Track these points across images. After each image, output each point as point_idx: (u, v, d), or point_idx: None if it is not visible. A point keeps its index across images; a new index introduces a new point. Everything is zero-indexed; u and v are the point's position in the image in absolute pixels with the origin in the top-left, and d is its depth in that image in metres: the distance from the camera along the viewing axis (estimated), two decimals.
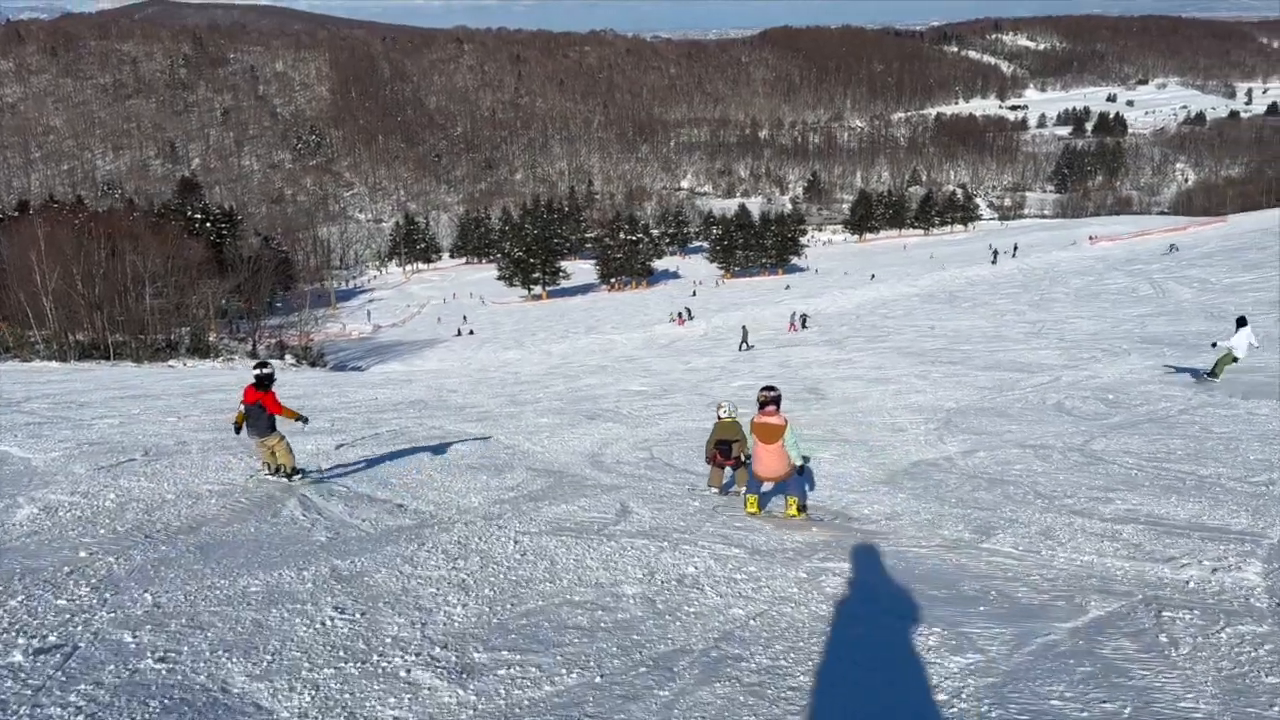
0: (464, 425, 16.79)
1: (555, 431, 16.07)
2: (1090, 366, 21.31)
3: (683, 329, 54.63)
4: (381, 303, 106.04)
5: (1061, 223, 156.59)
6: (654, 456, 13.40)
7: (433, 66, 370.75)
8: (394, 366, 45.25)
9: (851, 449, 13.08)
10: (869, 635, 5.48)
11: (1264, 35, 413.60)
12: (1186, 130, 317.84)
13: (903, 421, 15.54)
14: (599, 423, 17.36)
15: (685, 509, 9.15)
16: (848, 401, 19.02)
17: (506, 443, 14.54)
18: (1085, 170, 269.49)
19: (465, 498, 9.70)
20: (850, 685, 4.71)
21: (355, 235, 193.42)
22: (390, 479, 10.58)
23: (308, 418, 10.44)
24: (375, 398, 23.00)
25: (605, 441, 14.87)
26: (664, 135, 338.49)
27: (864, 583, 6.46)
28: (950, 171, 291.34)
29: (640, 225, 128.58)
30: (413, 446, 13.43)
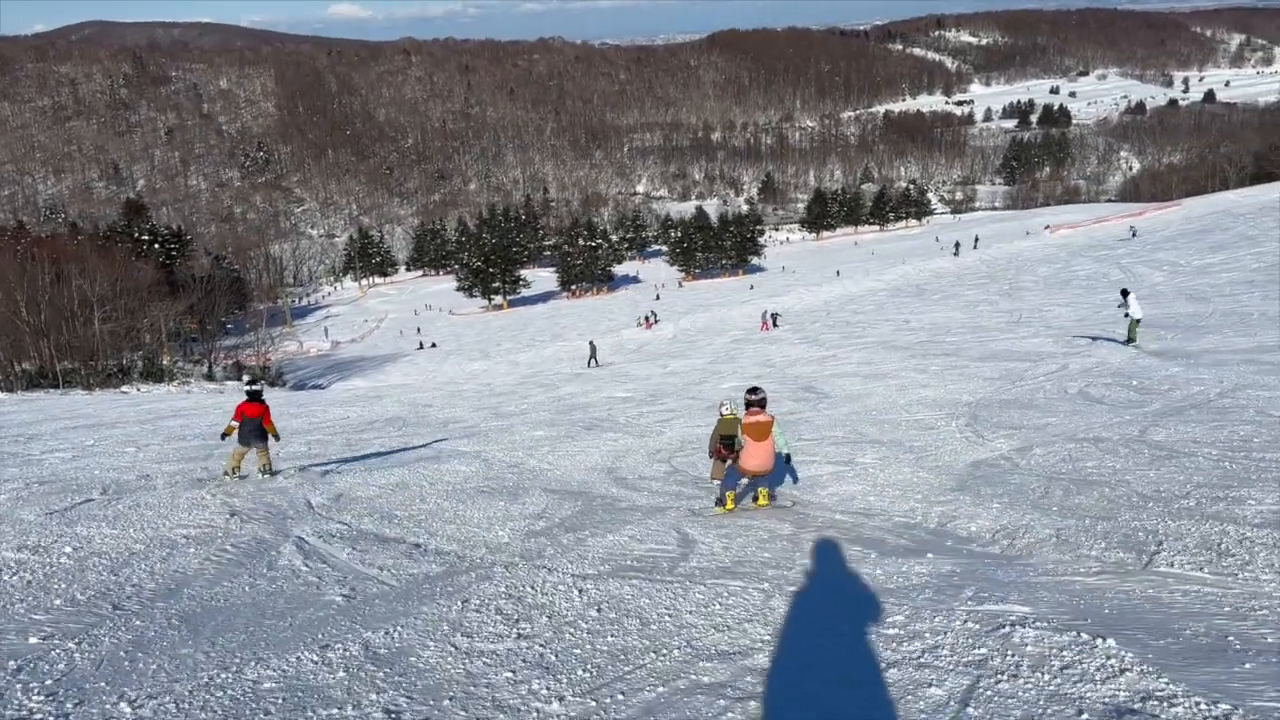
0: (454, 443, 15.62)
1: (556, 445, 14.96)
2: (1093, 352, 20.57)
3: (650, 333, 54.11)
4: (338, 319, 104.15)
5: (1014, 214, 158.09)
6: (675, 468, 12.35)
7: (380, 79, 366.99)
8: (357, 383, 44.09)
9: (891, 451, 12.00)
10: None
11: (1197, 25, 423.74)
12: (1128, 119, 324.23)
13: (926, 418, 14.56)
14: (599, 433, 16.26)
15: (755, 535, 8.03)
16: (853, 399, 18.05)
17: (507, 460, 13.42)
18: (1033, 162, 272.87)
19: (490, 531, 8.53)
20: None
21: (308, 251, 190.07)
22: (394, 511, 9.40)
23: (279, 435, 12.13)
24: (348, 416, 21.69)
25: (615, 454, 13.80)
26: (617, 141, 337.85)
27: (1073, 640, 4.93)
28: (901, 168, 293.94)
29: (599, 231, 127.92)
30: (406, 469, 12.26)
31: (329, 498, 9.94)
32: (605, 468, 12.56)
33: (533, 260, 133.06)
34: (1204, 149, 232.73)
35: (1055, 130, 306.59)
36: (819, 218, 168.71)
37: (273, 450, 12.24)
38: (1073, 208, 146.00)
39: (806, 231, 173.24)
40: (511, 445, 15.00)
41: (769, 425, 8.87)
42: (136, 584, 6.45)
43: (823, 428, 14.69)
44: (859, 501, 9.32)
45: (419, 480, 11.37)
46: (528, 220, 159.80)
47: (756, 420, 8.87)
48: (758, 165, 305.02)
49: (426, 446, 15.13)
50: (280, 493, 10.09)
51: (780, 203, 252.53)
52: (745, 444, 8.88)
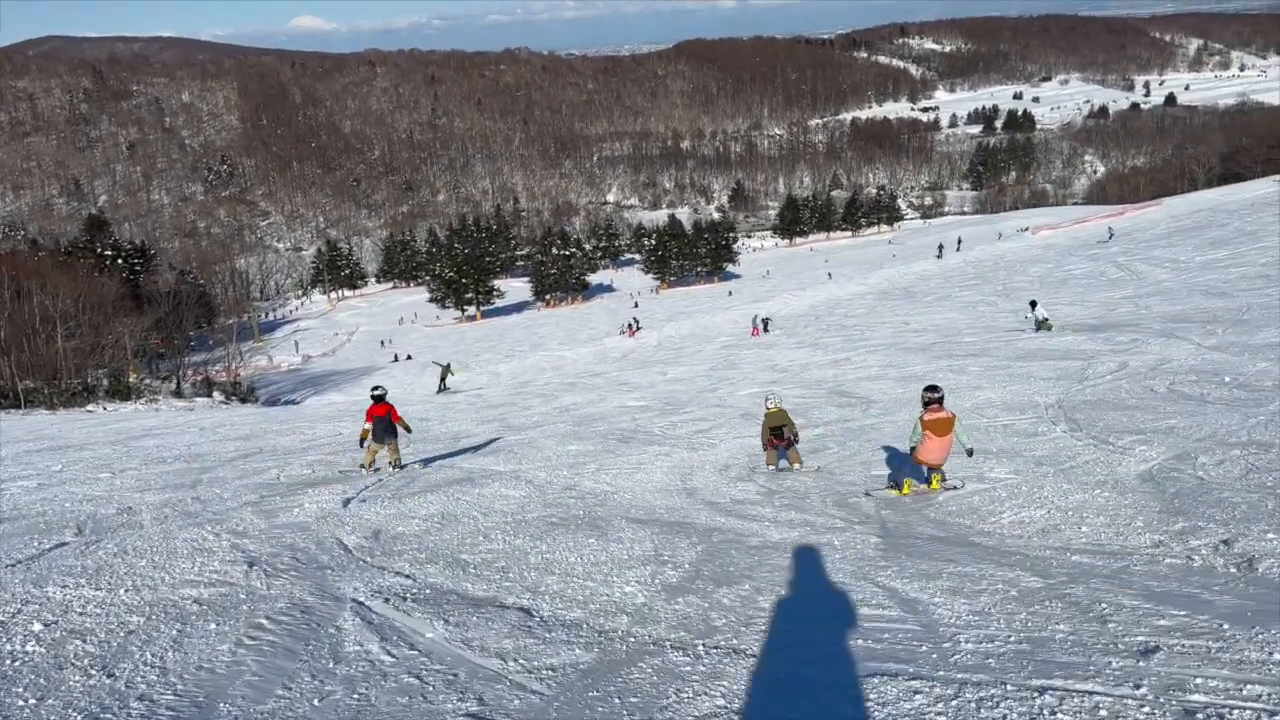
0: (478, 460, 14.00)
1: (600, 462, 13.42)
2: (1145, 349, 19.33)
3: (634, 341, 53.15)
4: (308, 332, 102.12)
5: (984, 218, 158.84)
6: (772, 490, 10.94)
7: (345, 90, 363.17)
8: (333, 398, 42.64)
9: (1018, 464, 10.54)
10: None
11: (1156, 30, 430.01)
12: (1092, 124, 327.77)
13: (1015, 423, 13.28)
14: (640, 447, 14.79)
15: (995, 590, 6.10)
16: (905, 404, 16.66)
17: (555, 481, 11.88)
18: (999, 166, 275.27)
19: (611, 586, 6.71)
20: None
21: (275, 265, 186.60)
22: (458, 554, 7.73)
23: (410, 428, 13.47)
24: (340, 433, 19.99)
25: (680, 472, 12.36)
26: (586, 150, 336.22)
27: None
28: (869, 174, 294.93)
29: (572, 240, 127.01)
30: (443, 495, 10.63)
31: (365, 536, 8.24)
32: (680, 489, 11.14)
33: (505, 271, 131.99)
34: (1170, 151, 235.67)
35: (1020, 135, 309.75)
36: (791, 224, 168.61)
37: (402, 444, 13.47)
38: (1041, 211, 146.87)
39: (779, 238, 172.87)
40: (548, 463, 13.46)
41: (951, 421, 9.39)
42: (143, 692, 4.39)
43: (902, 437, 13.25)
44: (1064, 532, 7.77)
45: (466, 510, 9.78)
46: (499, 230, 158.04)
47: (939, 417, 9.38)
48: (727, 173, 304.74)
49: (451, 465, 13.56)
50: (303, 530, 8.36)
51: (751, 210, 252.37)
52: (926, 438, 9.42)
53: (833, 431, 15.09)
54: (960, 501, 9.33)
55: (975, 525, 8.38)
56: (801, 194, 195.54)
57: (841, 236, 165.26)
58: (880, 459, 12.42)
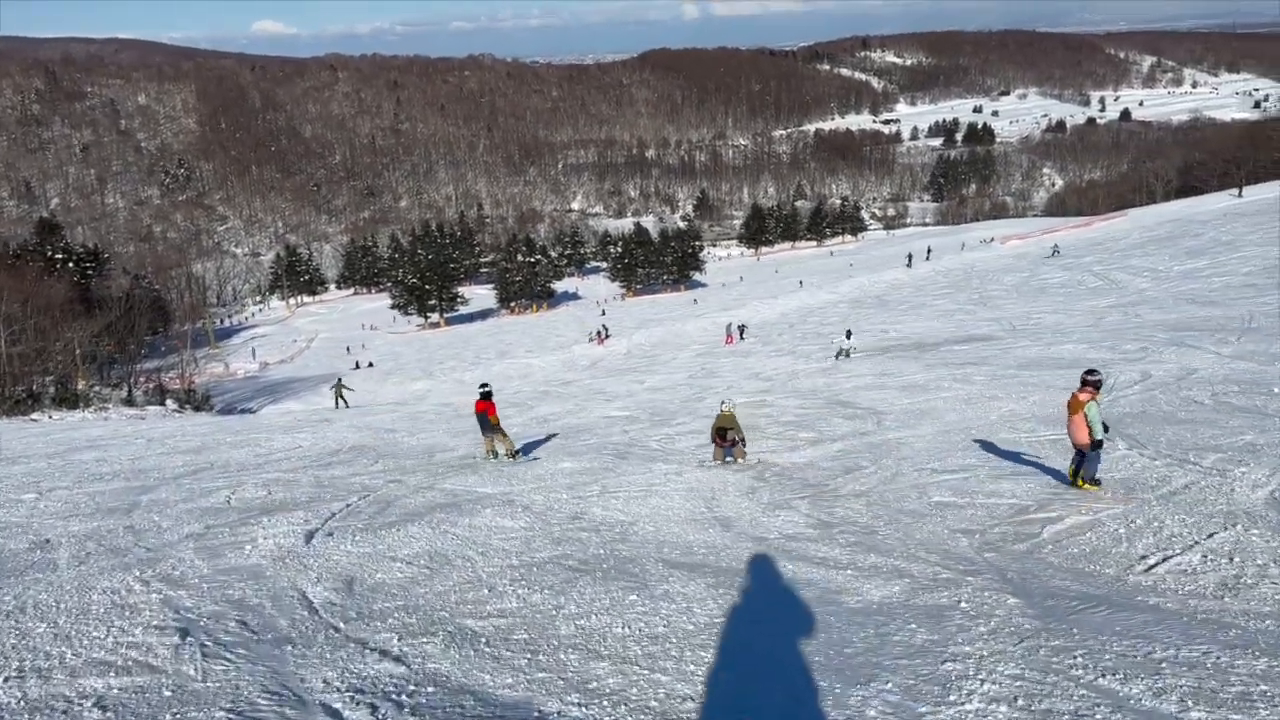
0: (463, 480, 12.50)
1: (602, 482, 12.06)
2: (1160, 358, 18.39)
3: (603, 349, 52.05)
4: (266, 339, 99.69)
5: (946, 229, 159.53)
6: (823, 521, 9.58)
7: (306, 94, 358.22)
8: (291, 406, 41.25)
9: (1116, 489, 9.29)
10: None
11: (1111, 47, 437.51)
12: (1050, 137, 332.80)
13: (1064, 440, 12.07)
14: (642, 464, 13.47)
15: (1238, 674, 4.94)
16: (922, 416, 15.56)
17: (560, 508, 10.47)
18: (960, 179, 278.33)
19: (690, 682, 5.10)
20: None
21: (232, 270, 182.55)
22: (461, 619, 6.21)
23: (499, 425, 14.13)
24: (299, 445, 18.38)
25: (701, 496, 11.01)
26: (551, 157, 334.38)
27: None
28: (833, 185, 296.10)
29: (537, 247, 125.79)
30: (428, 527, 9.14)
31: (335, 587, 6.69)
32: (710, 519, 9.75)
33: (469, 278, 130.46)
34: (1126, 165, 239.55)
35: (980, 148, 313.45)
36: (757, 233, 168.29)
37: (509, 439, 14.30)
38: (1002, 222, 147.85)
39: (745, 247, 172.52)
40: (542, 483, 12.05)
41: (1081, 403, 9.48)
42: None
43: (939, 453, 12.01)
44: (1259, 589, 6.39)
45: (458, 548, 8.25)
46: (463, 236, 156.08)
47: (1075, 397, 9.62)
48: (692, 182, 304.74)
49: (431, 488, 12.01)
50: (255, 578, 6.85)
51: (716, 219, 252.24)
52: (1070, 416, 9.62)
53: (854, 447, 13.80)
54: (1074, 539, 8.06)
55: (1121, 575, 7.07)
56: (766, 204, 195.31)
57: (807, 246, 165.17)
58: (935, 482, 11.10)
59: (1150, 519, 8.18)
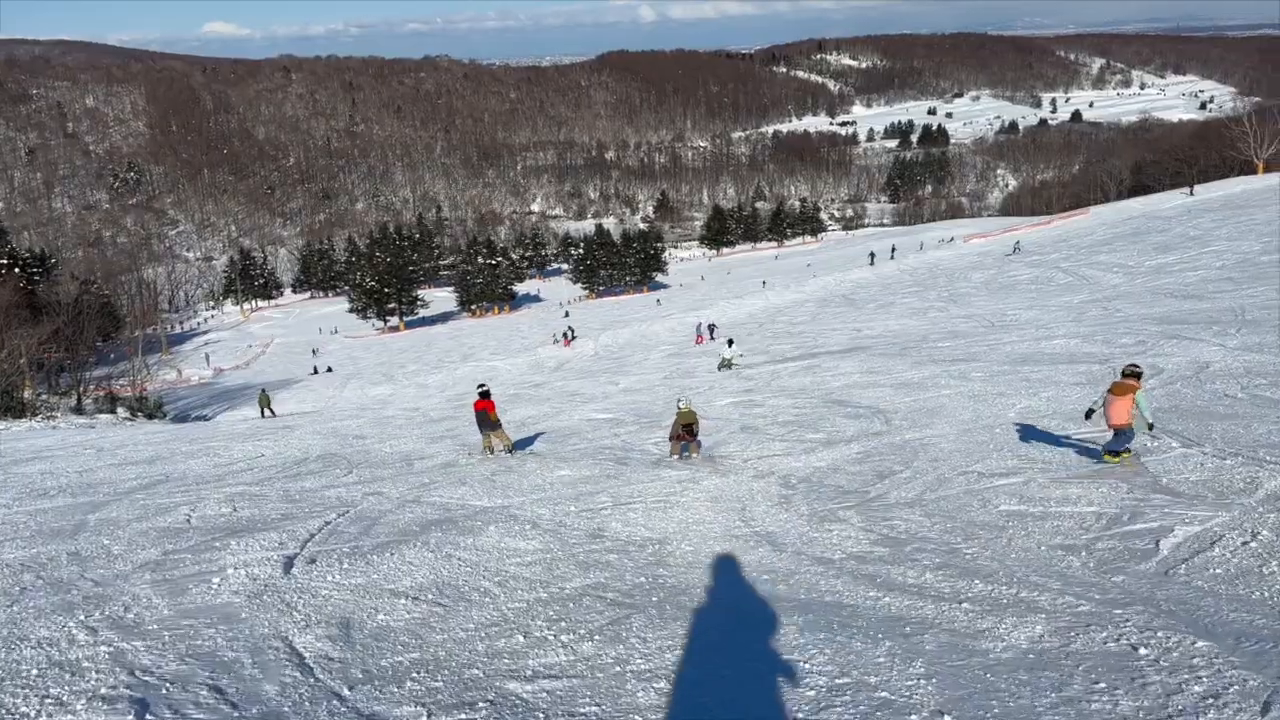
0: (454, 491, 11.49)
1: (609, 491, 11.05)
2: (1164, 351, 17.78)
3: (570, 350, 50.88)
4: (220, 344, 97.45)
5: (904, 230, 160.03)
6: (887, 536, 8.46)
7: (259, 96, 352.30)
8: (247, 412, 39.86)
9: (1197, 493, 8.33)
10: None
11: (1061, 49, 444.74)
12: (1003, 139, 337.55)
13: (1104, 439, 11.31)
14: (647, 471, 12.47)
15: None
16: (934, 415, 14.73)
17: (574, 523, 9.43)
18: (916, 180, 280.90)
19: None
20: None
21: (185, 275, 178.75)
22: (500, 679, 5.06)
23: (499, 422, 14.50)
24: (262, 454, 17.24)
25: (729, 507, 9.96)
26: (510, 159, 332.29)
27: None
28: (792, 186, 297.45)
29: (498, 249, 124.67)
30: (426, 549, 8.05)
31: (329, 635, 5.53)
32: (751, 534, 8.69)
33: (429, 280, 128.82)
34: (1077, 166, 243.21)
35: (935, 150, 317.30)
36: (718, 234, 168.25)
37: (506, 436, 14.55)
38: (959, 222, 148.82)
39: (706, 248, 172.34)
40: (543, 494, 11.02)
41: (1131, 390, 9.98)
42: None
43: (974, 455, 11.15)
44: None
45: (469, 575, 7.16)
46: (422, 239, 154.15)
47: (1125, 383, 10.09)
48: (652, 184, 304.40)
49: (419, 501, 10.93)
50: (228, 622, 5.73)
51: (676, 220, 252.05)
52: (1110, 401, 10.12)
53: (874, 448, 12.85)
54: (1202, 555, 7.08)
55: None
56: (726, 205, 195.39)
57: (768, 247, 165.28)
58: (989, 488, 9.89)
59: (1276, 529, 7.29)
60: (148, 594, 6.38)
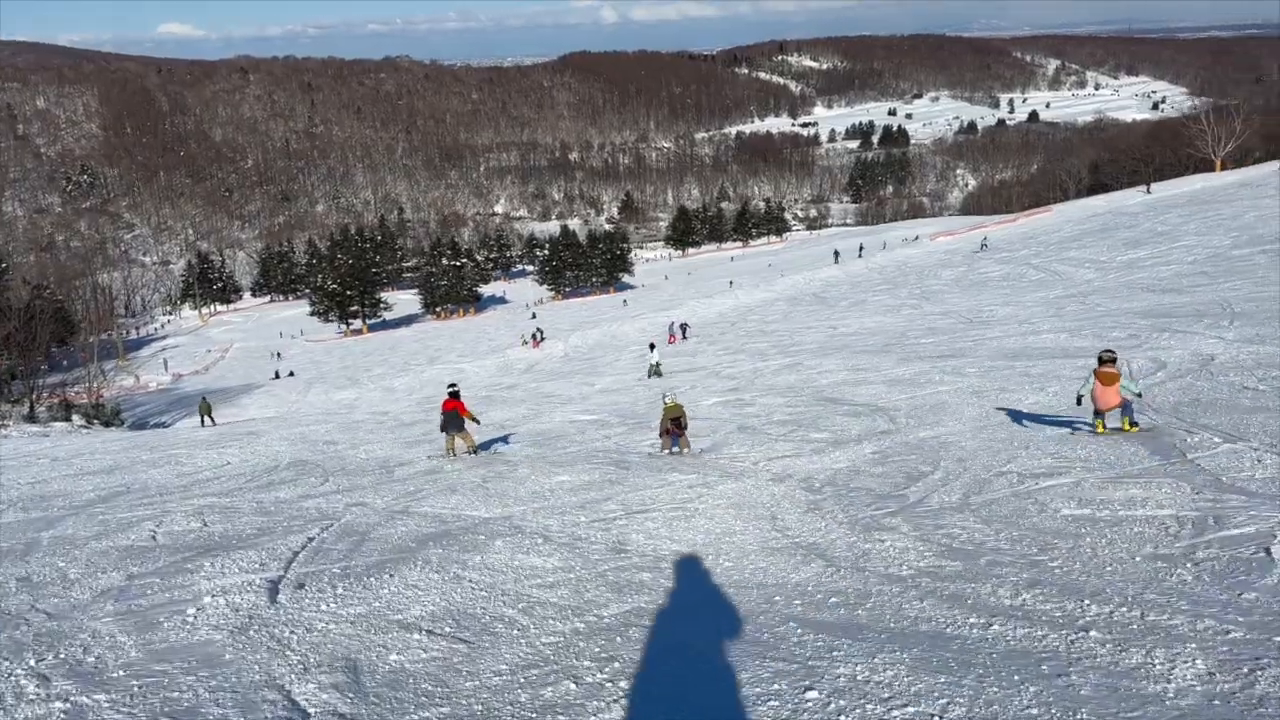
0: (447, 501, 10.65)
1: (617, 498, 10.25)
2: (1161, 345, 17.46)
3: (539, 351, 50.16)
4: (179, 350, 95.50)
5: (867, 229, 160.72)
6: (949, 546, 7.49)
7: (216, 97, 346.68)
8: (207, 418, 38.42)
9: (1252, 504, 7.48)
10: None
11: (1018, 50, 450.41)
12: (962, 139, 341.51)
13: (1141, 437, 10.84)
14: (653, 475, 11.68)
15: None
16: (942, 412, 14.24)
17: (588, 535, 8.58)
18: (877, 180, 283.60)
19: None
20: None
21: (141, 279, 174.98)
22: None
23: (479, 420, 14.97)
24: (227, 462, 16.37)
25: (757, 515, 9.13)
26: (473, 160, 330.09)
27: None
28: (755, 187, 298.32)
29: (463, 251, 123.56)
30: (431, 569, 7.20)
31: (334, 683, 4.59)
32: (795, 546, 7.84)
33: (392, 283, 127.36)
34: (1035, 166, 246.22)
35: (896, 150, 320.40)
36: (684, 235, 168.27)
37: (470, 436, 14.57)
38: (921, 222, 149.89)
39: (672, 249, 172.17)
40: (545, 502, 10.22)
41: (1117, 376, 11.05)
42: None
43: (1001, 453, 10.53)
44: None
45: (487, 602, 6.27)
46: (384, 241, 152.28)
47: (1108, 371, 11.06)
48: (617, 185, 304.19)
49: (408, 513, 10.06)
50: (210, 667, 4.81)
51: (641, 221, 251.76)
52: (1097, 387, 11.11)
53: (890, 448, 12.18)
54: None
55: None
56: (691, 206, 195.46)
57: (732, 247, 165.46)
58: (1038, 489, 8.94)
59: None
60: (111, 630, 5.49)
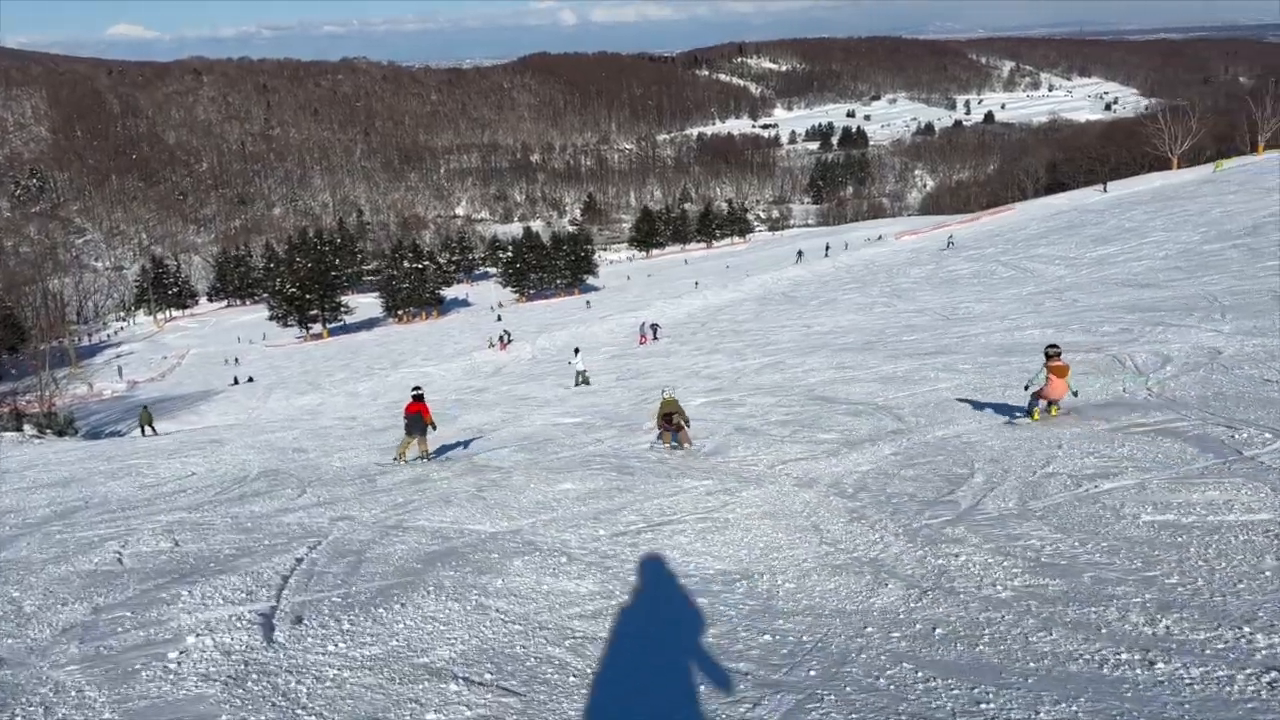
0: (444, 514, 9.94)
1: (635, 507, 9.52)
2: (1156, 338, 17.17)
3: (506, 354, 49.62)
4: (133, 356, 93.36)
5: (829, 230, 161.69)
6: (1039, 560, 6.79)
7: (169, 100, 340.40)
8: (164, 426, 37.54)
9: None
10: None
11: (973, 52, 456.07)
12: (920, 140, 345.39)
13: (1181, 426, 10.37)
14: (665, 481, 10.99)
15: None
16: (950, 410, 13.81)
17: (616, 553, 7.78)
18: (837, 181, 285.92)
19: None
20: None
21: (94, 285, 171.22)
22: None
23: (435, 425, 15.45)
24: (192, 472, 15.53)
25: (797, 525, 8.39)
26: (433, 162, 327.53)
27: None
28: (717, 188, 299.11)
29: (425, 253, 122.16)
30: (446, 598, 6.43)
31: None
32: (856, 562, 7.12)
33: (352, 286, 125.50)
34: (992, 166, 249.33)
35: (855, 151, 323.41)
36: (648, 236, 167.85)
37: (426, 442, 14.76)
38: (882, 222, 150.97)
39: (636, 250, 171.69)
40: (553, 515, 9.43)
41: (1067, 370, 12.07)
42: None
43: (1038, 454, 10.00)
44: None
45: (526, 639, 5.45)
46: (344, 244, 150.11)
47: (1061, 364, 12.02)
48: (579, 186, 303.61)
49: (402, 528, 9.21)
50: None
51: (604, 223, 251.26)
52: (1050, 380, 12.06)
53: (912, 449, 11.51)
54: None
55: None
56: (654, 207, 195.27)
57: (697, 248, 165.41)
58: (1102, 491, 8.34)
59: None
60: (78, 683, 4.60)
